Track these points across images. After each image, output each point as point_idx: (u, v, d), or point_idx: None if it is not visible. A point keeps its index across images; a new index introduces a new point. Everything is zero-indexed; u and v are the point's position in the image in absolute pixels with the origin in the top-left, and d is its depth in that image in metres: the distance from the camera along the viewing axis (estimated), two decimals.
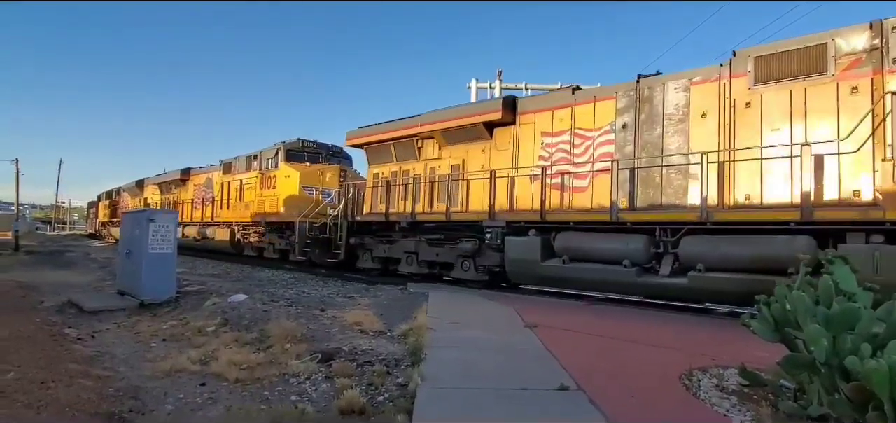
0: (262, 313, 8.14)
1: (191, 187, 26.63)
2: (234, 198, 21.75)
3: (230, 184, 22.16)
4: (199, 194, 25.44)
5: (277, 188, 18.64)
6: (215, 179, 23.80)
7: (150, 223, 10.22)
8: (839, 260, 4.02)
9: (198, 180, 26.03)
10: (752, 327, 4.12)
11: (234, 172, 22.04)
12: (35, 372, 5.03)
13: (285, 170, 18.54)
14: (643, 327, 7.10)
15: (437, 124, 13.25)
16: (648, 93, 9.73)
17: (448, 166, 13.21)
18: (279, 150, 18.95)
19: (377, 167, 15.32)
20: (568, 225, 10.14)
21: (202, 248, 24.00)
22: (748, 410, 3.74)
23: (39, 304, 10.25)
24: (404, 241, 13.73)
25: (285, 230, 17.87)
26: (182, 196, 27.27)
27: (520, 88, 22.28)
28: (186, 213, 25.75)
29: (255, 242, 19.99)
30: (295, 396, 4.71)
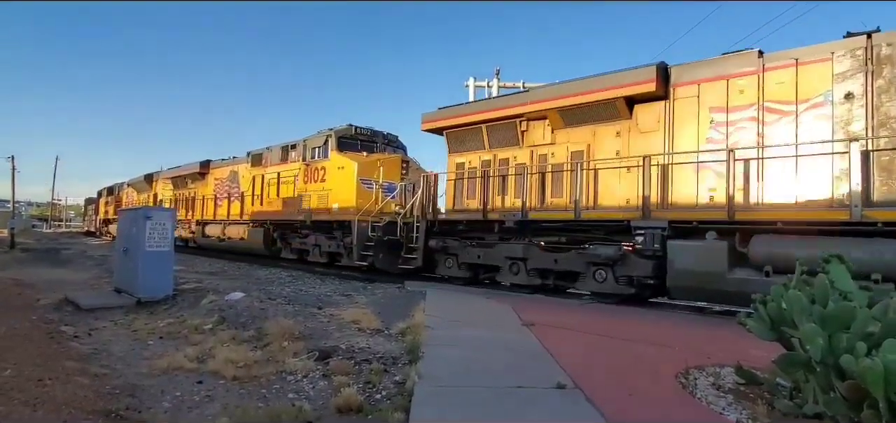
0: (260, 311, 8.13)
1: (211, 182, 23.84)
2: (268, 193, 18.98)
3: (263, 177, 19.39)
4: (221, 189, 22.63)
5: (327, 181, 15.91)
6: (242, 172, 21.04)
7: (147, 221, 10.20)
8: (835, 259, 4.05)
9: (219, 174, 23.14)
10: (749, 325, 4.14)
11: (267, 164, 19.38)
12: (32, 370, 5.02)
13: (338, 160, 15.67)
14: (640, 326, 7.12)
15: (553, 102, 10.87)
16: (889, 51, 7.49)
17: (565, 153, 10.83)
18: (329, 137, 16.07)
19: (462, 155, 12.81)
20: (772, 226, 7.82)
21: (228, 249, 21.42)
22: (744, 408, 3.76)
23: (36, 301, 10.22)
24: (507, 244, 11.23)
25: (336, 230, 15.50)
26: (200, 191, 24.61)
27: (518, 86, 22.28)
28: (207, 210, 23.36)
29: (298, 243, 17.43)
30: (292, 394, 4.71)
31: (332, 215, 15.55)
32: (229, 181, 22.10)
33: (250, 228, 19.69)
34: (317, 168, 16.60)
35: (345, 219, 14.81)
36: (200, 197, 24.45)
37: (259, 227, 19.13)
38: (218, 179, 23.20)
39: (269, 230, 18.65)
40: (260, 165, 19.84)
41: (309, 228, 16.72)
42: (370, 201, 14.53)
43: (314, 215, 16.29)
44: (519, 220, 10.89)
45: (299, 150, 17.52)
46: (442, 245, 12.49)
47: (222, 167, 23.10)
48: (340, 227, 15.23)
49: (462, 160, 12.88)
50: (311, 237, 16.71)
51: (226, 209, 21.87)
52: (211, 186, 23.75)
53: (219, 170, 23.39)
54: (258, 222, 19.31)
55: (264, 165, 19.55)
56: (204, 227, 23.19)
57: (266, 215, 18.87)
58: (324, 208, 15.92)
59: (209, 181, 24.06)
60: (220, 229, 21.77)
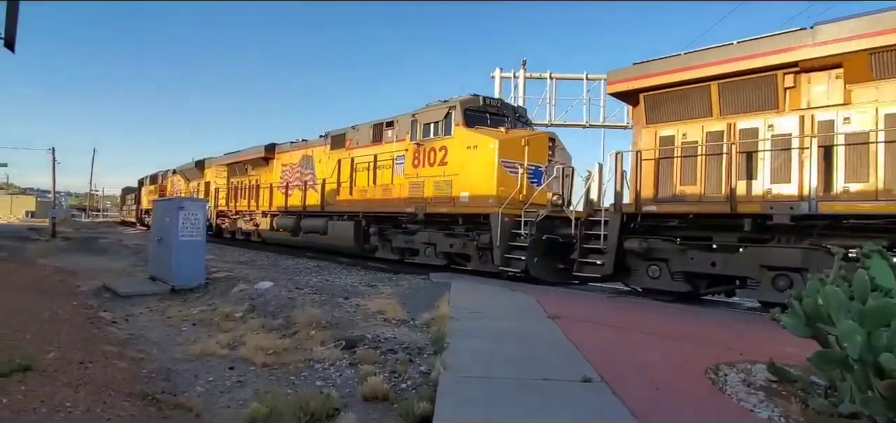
0: (288, 300, 8.30)
1: (277, 168, 20.82)
2: (357, 180, 15.72)
3: (351, 162, 16.04)
4: (291, 176, 19.62)
5: (450, 164, 12.46)
6: (319, 155, 17.97)
7: (180, 211, 10.51)
8: (876, 254, 3.89)
9: (288, 158, 20.12)
10: (783, 322, 4.02)
11: (354, 145, 16.23)
12: (73, 353, 5.25)
13: (467, 137, 12.22)
14: (668, 321, 7.01)
15: (857, 40, 7.46)
16: None
17: (874, 115, 7.40)
18: (451, 110, 12.64)
19: (669, 126, 9.45)
20: None
21: (305, 245, 18.47)
22: (776, 406, 3.67)
23: (76, 288, 10.66)
24: (762, 249, 8.13)
25: (460, 225, 12.45)
26: (264, 178, 21.66)
27: (544, 77, 22.04)
28: (274, 199, 20.41)
29: (401, 241, 14.20)
30: (320, 381, 4.81)
31: (458, 206, 12.19)
32: (301, 167, 19.10)
33: (335, 221, 16.40)
34: (433, 149, 13.04)
35: (479, 211, 11.70)
36: (266, 185, 21.36)
37: (347, 220, 15.86)
38: (286, 165, 20.09)
39: (361, 224, 15.31)
40: (343, 146, 16.68)
41: (418, 222, 13.46)
42: (514, 189, 11.30)
43: (431, 205, 12.86)
44: (802, 215, 7.64)
45: (403, 127, 14.17)
46: (644, 247, 9.16)
47: (292, 151, 19.95)
48: (469, 221, 12.18)
49: (670, 132, 9.41)
50: (421, 234, 13.40)
51: (299, 198, 18.72)
52: (277, 173, 20.68)
53: (287, 154, 20.25)
54: (345, 213, 16.05)
55: (349, 147, 16.39)
56: (272, 219, 20.24)
57: (357, 206, 15.50)
58: (444, 198, 12.55)
59: (275, 167, 20.97)
60: (294, 222, 18.56)
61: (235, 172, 24.50)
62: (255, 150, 22.37)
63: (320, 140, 18.34)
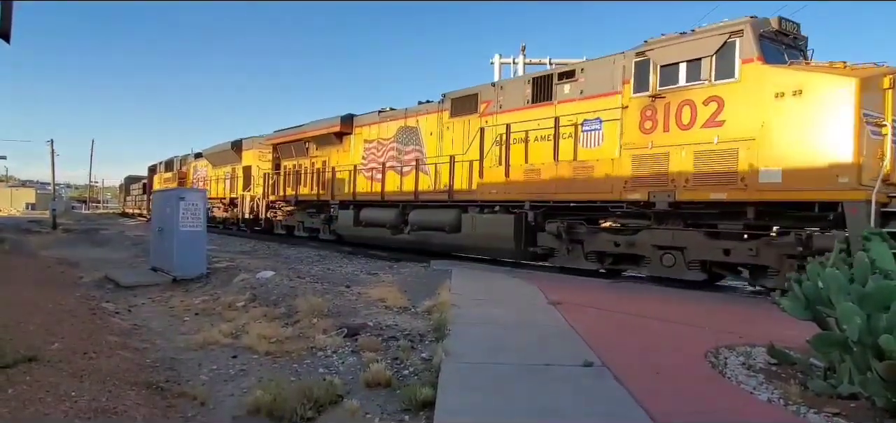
0: (289, 289, 8.33)
1: (355, 145, 16.45)
2: (516, 156, 11.22)
3: (508, 128, 11.40)
4: (379, 155, 15.39)
5: (733, 123, 8.06)
6: (428, 125, 13.75)
7: (180, 202, 10.52)
8: (877, 237, 3.90)
9: (374, 133, 15.77)
10: (783, 305, 4.05)
11: (496, 108, 11.84)
12: (77, 343, 5.28)
13: (775, 78, 7.76)
14: (668, 306, 7.04)
15: None
16: None
17: None
18: (736, 36, 8.13)
19: None
20: None
21: (415, 246, 13.94)
22: (776, 388, 3.70)
23: (79, 279, 10.71)
24: None
25: (738, 220, 8.26)
26: (337, 159, 17.14)
27: (544, 62, 21.91)
28: (356, 185, 16.06)
29: (608, 244, 9.94)
30: (323, 369, 4.84)
31: (760, 188, 7.77)
32: (398, 142, 14.73)
33: (476, 214, 12.06)
34: (687, 102, 8.58)
35: (812, 197, 7.38)
36: (343, 168, 16.69)
37: (499, 212, 11.54)
38: (372, 142, 15.74)
39: (525, 218, 11.02)
40: (472, 111, 12.44)
41: (645, 215, 9.30)
42: (882, 160, 7.11)
43: (691, 188, 8.47)
44: None
45: (598, 75, 10.04)
46: None
47: (381, 123, 15.50)
48: (773, 214, 8.00)
49: None
50: (654, 233, 9.11)
51: (397, 183, 14.50)
52: (357, 151, 16.32)
53: (373, 127, 15.81)
54: (495, 203, 11.71)
55: (488, 112, 12.05)
56: (357, 211, 15.67)
57: (517, 193, 11.15)
58: (721, 176, 8.16)
59: (353, 145, 16.55)
60: (396, 215, 14.31)
61: (291, 153, 19.66)
62: (323, 124, 17.67)
63: (429, 106, 13.95)
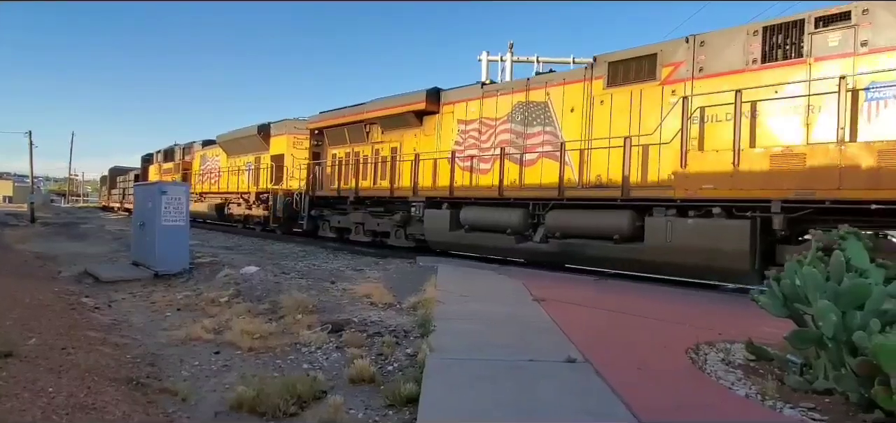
0: (274, 284, 8.28)
1: (445, 127, 13.22)
2: (746, 141, 8.05)
3: (754, 106, 8.13)
4: (482, 139, 12.30)
5: None
6: (566, 101, 10.70)
7: (162, 196, 10.38)
8: (852, 236, 4.00)
9: (473, 111, 12.58)
10: (761, 302, 4.13)
11: (695, 71, 8.87)
12: (55, 339, 5.19)
13: None
14: (652, 302, 7.13)
15: None
16: None
17: None
18: None
19: None
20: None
21: (553, 259, 10.86)
22: (753, 384, 3.77)
23: (57, 274, 10.50)
24: None
25: None
26: (417, 146, 13.82)
27: (532, 61, 22.01)
28: (437, 177, 13.21)
29: None
30: (307, 365, 4.82)
31: None
32: (515, 122, 11.62)
33: (684, 222, 8.53)
34: None
35: None
36: (428, 155, 13.45)
37: (724, 217, 8.15)
38: (472, 122, 12.55)
39: (758, 225, 7.84)
40: (644, 78, 9.50)
41: None
42: None
43: None
44: None
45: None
46: None
47: (487, 99, 12.33)
48: None
49: None
50: None
51: (516, 174, 11.40)
52: (447, 134, 13.12)
53: (473, 104, 12.62)
54: (714, 203, 8.26)
55: (674, 78, 9.12)
56: (456, 211, 12.48)
57: (765, 186, 7.65)
58: None
59: (442, 126, 13.34)
60: (520, 218, 11.08)
61: (342, 138, 16.52)
62: (396, 101, 14.36)
63: (568, 74, 11.27)
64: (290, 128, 19.54)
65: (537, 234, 10.96)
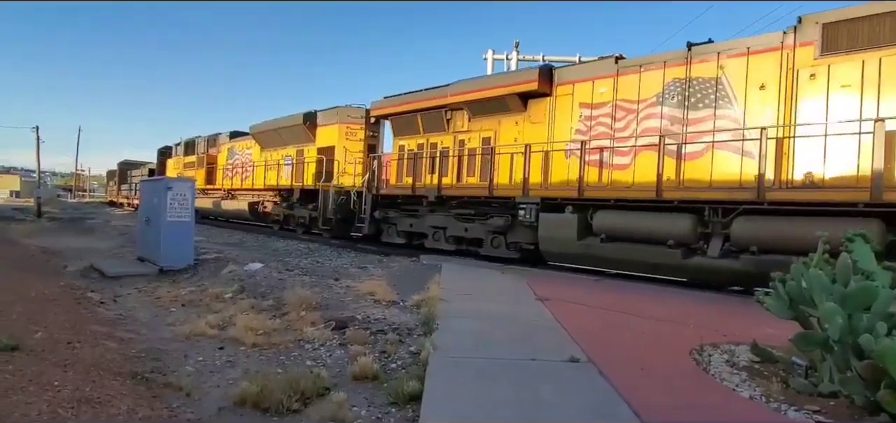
0: (278, 281, 8.30)
1: (561, 112, 10.96)
2: None
3: None
4: (619, 125, 10.04)
5: None
6: (751, 75, 8.48)
7: (167, 191, 10.43)
8: (859, 239, 3.97)
9: (601, 92, 10.35)
10: (767, 304, 4.11)
11: None
12: (61, 333, 5.22)
13: None
14: (655, 303, 7.11)
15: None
16: None
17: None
18: None
19: None
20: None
21: (745, 278, 8.06)
22: (758, 386, 3.75)
23: (63, 268, 10.57)
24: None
25: None
26: (522, 134, 11.54)
27: (537, 59, 21.94)
28: (567, 171, 10.61)
29: None
30: (310, 361, 4.83)
31: None
32: (668, 104, 9.36)
33: None
34: None
35: None
36: (538, 146, 11.04)
37: None
38: (602, 105, 10.27)
39: None
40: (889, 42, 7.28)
41: None
42: None
43: None
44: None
45: None
46: None
47: (623, 76, 10.03)
48: None
49: None
50: None
51: (673, 169, 9.09)
52: (566, 121, 10.82)
53: (601, 82, 10.35)
54: None
55: None
56: (585, 215, 10.03)
57: None
58: None
59: (557, 110, 11.02)
60: (690, 228, 8.62)
61: (411, 127, 14.30)
62: (492, 82, 12.60)
63: (752, 41, 8.76)
64: (342, 116, 17.10)
65: (711, 247, 8.48)
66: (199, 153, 26.75)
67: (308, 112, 18.31)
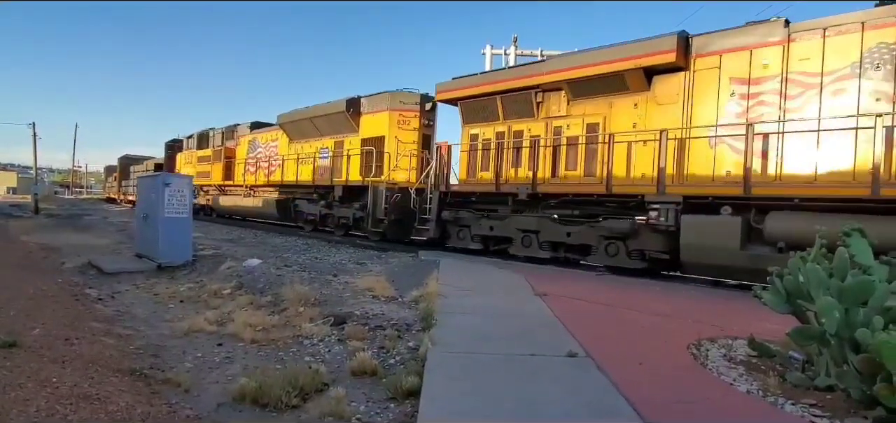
0: (276, 277, 8.30)
1: (705, 88, 8.99)
2: None
3: None
4: (778, 104, 8.25)
5: None
6: None
7: (165, 188, 10.40)
8: (856, 233, 3.98)
9: (769, 61, 8.36)
10: (764, 298, 4.12)
11: None
12: (59, 329, 5.21)
13: None
14: (654, 298, 7.12)
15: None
16: None
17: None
18: None
19: None
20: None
21: None
22: (755, 380, 3.77)
23: (61, 265, 10.54)
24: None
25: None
26: (631, 120, 9.95)
27: (535, 54, 21.91)
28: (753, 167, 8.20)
29: None
30: (309, 357, 4.84)
31: None
32: (869, 77, 7.56)
33: None
34: None
35: None
36: (672, 130, 9.15)
37: None
38: (761, 81, 8.48)
39: None
40: None
41: None
42: None
43: None
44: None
45: None
46: None
47: (796, 40, 8.19)
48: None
49: None
50: None
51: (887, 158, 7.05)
52: (710, 99, 8.95)
53: (768, 51, 8.44)
54: None
55: None
56: (746, 216, 8.22)
57: None
58: None
59: (686, 89, 9.25)
60: None
61: (488, 112, 12.44)
62: (610, 54, 10.07)
63: None
64: (394, 102, 14.94)
65: None
66: (214, 146, 24.61)
67: (351, 98, 16.21)
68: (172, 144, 30.23)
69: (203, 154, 25.67)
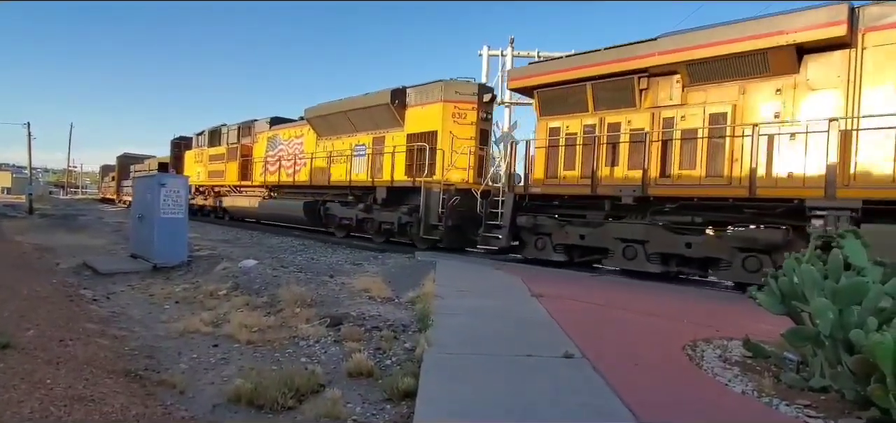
0: (272, 278, 8.28)
1: (863, 69, 7.49)
2: None
3: None
4: None
5: None
6: None
7: (161, 188, 10.36)
8: (850, 234, 4.00)
9: None
10: (759, 299, 4.14)
11: None
12: (53, 331, 5.18)
13: None
14: (651, 299, 7.14)
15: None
16: None
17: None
18: None
19: None
20: None
21: None
22: (750, 381, 3.78)
23: (55, 266, 10.49)
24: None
25: None
26: (769, 110, 8.30)
27: (532, 55, 21.94)
28: None
29: None
30: (305, 358, 4.83)
31: None
32: None
33: None
34: None
35: None
36: None
37: None
38: None
39: None
40: None
41: None
42: None
43: None
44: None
45: None
46: None
47: None
48: None
49: None
50: None
51: None
52: (889, 81, 7.27)
53: None
54: None
55: None
56: None
57: None
58: None
59: (853, 68, 7.58)
60: None
61: (573, 102, 10.85)
62: (741, 30, 8.41)
63: None
64: (448, 93, 13.08)
65: None
66: (229, 144, 22.37)
67: (396, 89, 14.34)
68: (179, 141, 28.26)
69: (215, 152, 23.36)
